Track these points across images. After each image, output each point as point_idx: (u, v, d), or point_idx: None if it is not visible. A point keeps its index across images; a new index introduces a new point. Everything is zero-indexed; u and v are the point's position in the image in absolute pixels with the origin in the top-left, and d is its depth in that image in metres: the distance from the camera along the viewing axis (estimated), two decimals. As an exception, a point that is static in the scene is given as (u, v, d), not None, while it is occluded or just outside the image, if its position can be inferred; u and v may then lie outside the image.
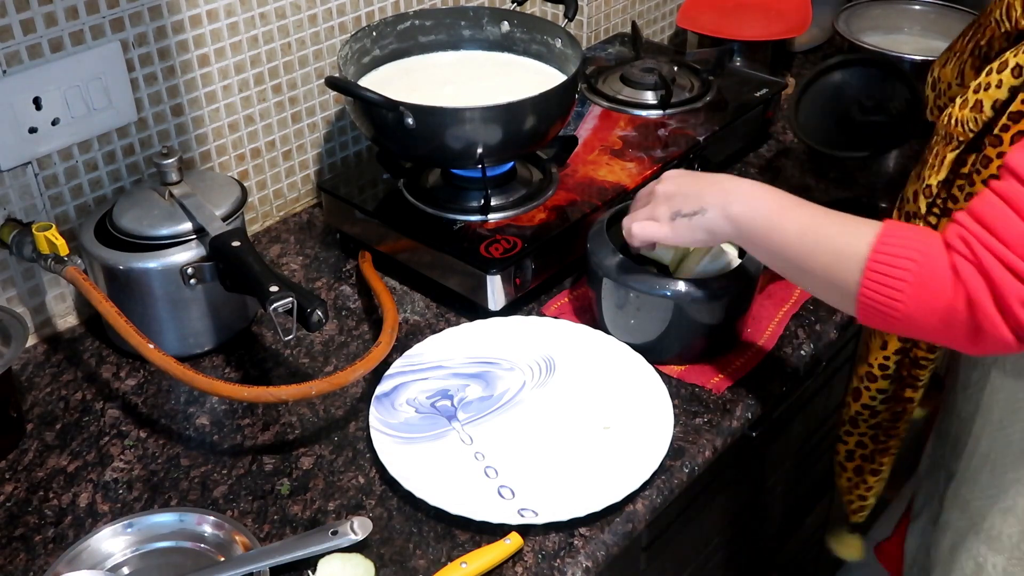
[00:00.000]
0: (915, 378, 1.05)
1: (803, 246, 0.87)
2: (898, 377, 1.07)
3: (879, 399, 1.09)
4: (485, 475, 0.96)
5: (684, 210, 0.95)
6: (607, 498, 0.92)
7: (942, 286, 0.79)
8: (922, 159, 0.97)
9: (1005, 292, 0.76)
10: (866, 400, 1.10)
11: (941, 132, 0.91)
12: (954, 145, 0.89)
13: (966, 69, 0.94)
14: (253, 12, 1.22)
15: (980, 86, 0.86)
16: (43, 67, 1.05)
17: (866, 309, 0.82)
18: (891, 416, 1.11)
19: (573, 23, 1.29)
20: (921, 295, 0.79)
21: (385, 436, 0.99)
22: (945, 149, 0.90)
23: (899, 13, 1.69)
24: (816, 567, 1.75)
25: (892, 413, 1.11)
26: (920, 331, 0.84)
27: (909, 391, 1.07)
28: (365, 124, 1.17)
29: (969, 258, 0.78)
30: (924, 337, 0.89)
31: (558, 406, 1.04)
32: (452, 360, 1.09)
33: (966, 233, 0.79)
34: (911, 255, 0.80)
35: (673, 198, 0.96)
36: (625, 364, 1.07)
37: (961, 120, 0.88)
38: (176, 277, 1.06)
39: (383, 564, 0.89)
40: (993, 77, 0.85)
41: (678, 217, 0.95)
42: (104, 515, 0.95)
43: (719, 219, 0.92)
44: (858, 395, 1.11)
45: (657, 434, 0.99)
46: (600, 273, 1.07)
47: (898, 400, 1.09)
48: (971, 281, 0.78)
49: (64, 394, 1.09)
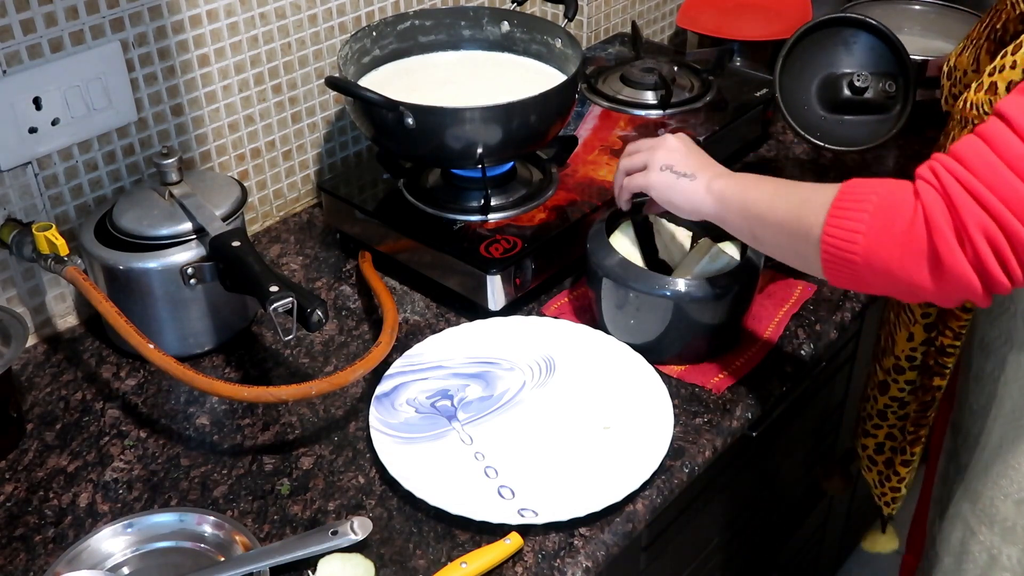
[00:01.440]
0: (942, 366, 1.05)
1: (774, 202, 0.88)
2: (925, 367, 1.07)
3: (907, 390, 1.10)
4: (485, 475, 0.96)
5: (676, 167, 0.97)
6: (607, 498, 0.92)
7: (901, 210, 0.76)
8: (937, 146, 0.96)
9: (964, 216, 0.73)
10: (895, 393, 1.10)
11: (957, 117, 0.90)
12: (969, 129, 0.88)
13: (981, 55, 0.93)
14: (253, 12, 1.22)
15: (995, 68, 0.85)
16: (43, 67, 1.05)
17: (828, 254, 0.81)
18: (919, 406, 1.11)
19: (573, 23, 1.29)
20: (880, 221, 0.77)
21: (385, 436, 0.99)
22: (961, 134, 0.89)
23: (899, 13, 1.69)
24: (816, 567, 1.75)
25: (921, 403, 1.11)
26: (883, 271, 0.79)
27: (937, 379, 1.07)
28: (365, 124, 1.17)
29: (933, 184, 0.76)
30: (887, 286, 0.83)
31: (558, 406, 1.04)
32: (452, 360, 1.09)
33: (936, 165, 0.77)
34: (874, 190, 0.78)
35: (673, 153, 0.98)
36: (625, 364, 1.07)
37: (976, 103, 0.87)
38: (176, 277, 1.06)
39: (383, 564, 0.89)
40: (1008, 59, 0.84)
41: (667, 171, 0.98)
42: (104, 515, 0.95)
43: (702, 191, 0.95)
44: (886, 388, 1.11)
45: (657, 434, 0.99)
46: (600, 273, 1.07)
47: (926, 389, 1.09)
48: (931, 203, 0.75)
49: (64, 394, 1.09)
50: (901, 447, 1.15)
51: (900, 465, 1.16)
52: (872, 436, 1.17)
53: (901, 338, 1.06)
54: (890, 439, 1.15)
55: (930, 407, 1.10)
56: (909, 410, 1.12)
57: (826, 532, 1.71)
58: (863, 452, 1.19)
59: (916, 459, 1.14)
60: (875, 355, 1.15)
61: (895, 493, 1.17)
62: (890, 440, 1.15)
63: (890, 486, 1.18)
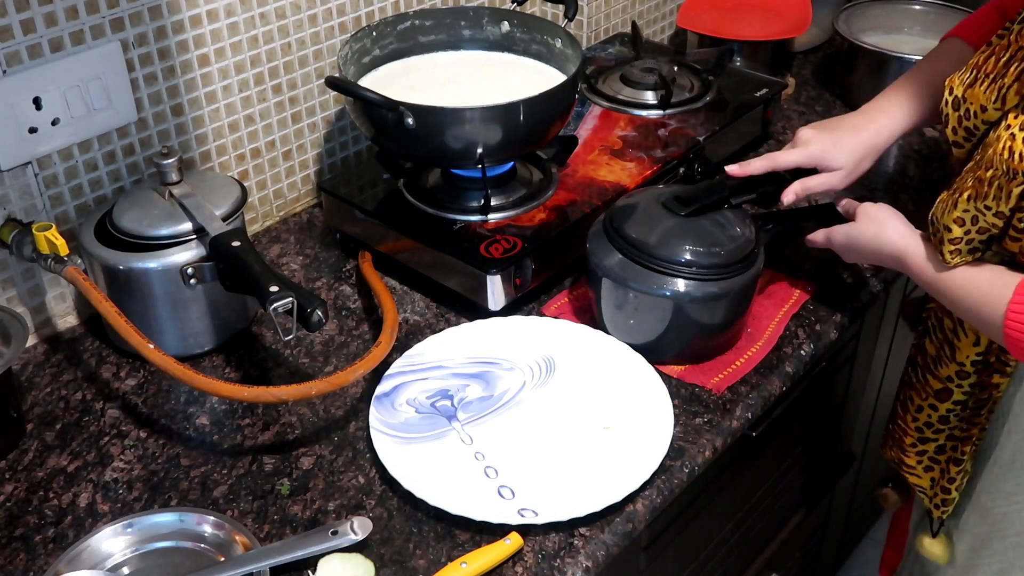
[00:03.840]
0: (1004, 363, 1.05)
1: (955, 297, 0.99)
2: (986, 365, 1.07)
3: (970, 392, 1.10)
4: (485, 475, 0.96)
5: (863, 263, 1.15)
6: (607, 498, 0.92)
7: None
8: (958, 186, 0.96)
9: None
10: (958, 397, 1.10)
11: (1001, 168, 0.90)
12: (1019, 180, 0.89)
13: (1008, 94, 0.92)
14: (253, 12, 1.22)
15: None
16: (43, 67, 1.05)
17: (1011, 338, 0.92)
18: (976, 404, 1.11)
19: (573, 23, 1.29)
20: None
21: (385, 436, 0.99)
22: (1010, 184, 0.90)
23: (899, 13, 1.69)
24: (816, 567, 1.75)
25: (977, 401, 1.11)
26: None
27: (997, 377, 1.06)
28: (365, 124, 1.17)
29: None
30: None
31: (558, 406, 1.04)
32: (452, 360, 1.09)
33: None
34: None
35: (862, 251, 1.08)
36: (625, 364, 1.07)
37: None
38: (176, 277, 1.06)
39: (383, 564, 0.89)
40: None
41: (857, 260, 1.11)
42: (104, 515, 0.95)
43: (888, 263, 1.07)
44: (947, 395, 1.11)
45: (657, 434, 0.99)
46: (600, 273, 1.07)
47: (983, 387, 1.09)
48: None
49: (64, 394, 1.09)
50: (956, 447, 1.15)
51: (952, 464, 1.16)
52: (932, 440, 1.16)
53: (966, 344, 1.06)
54: (951, 439, 1.15)
55: (985, 404, 1.10)
56: (968, 412, 1.12)
57: (826, 532, 1.71)
58: (920, 459, 1.18)
59: (968, 459, 1.14)
60: (923, 367, 1.14)
61: (945, 495, 1.17)
62: (950, 441, 1.15)
63: (942, 485, 1.17)
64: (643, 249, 1.05)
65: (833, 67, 1.71)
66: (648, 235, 1.06)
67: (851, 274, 1.23)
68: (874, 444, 1.70)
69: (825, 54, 1.79)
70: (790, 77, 1.67)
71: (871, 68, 1.56)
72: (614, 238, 1.08)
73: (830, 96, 1.65)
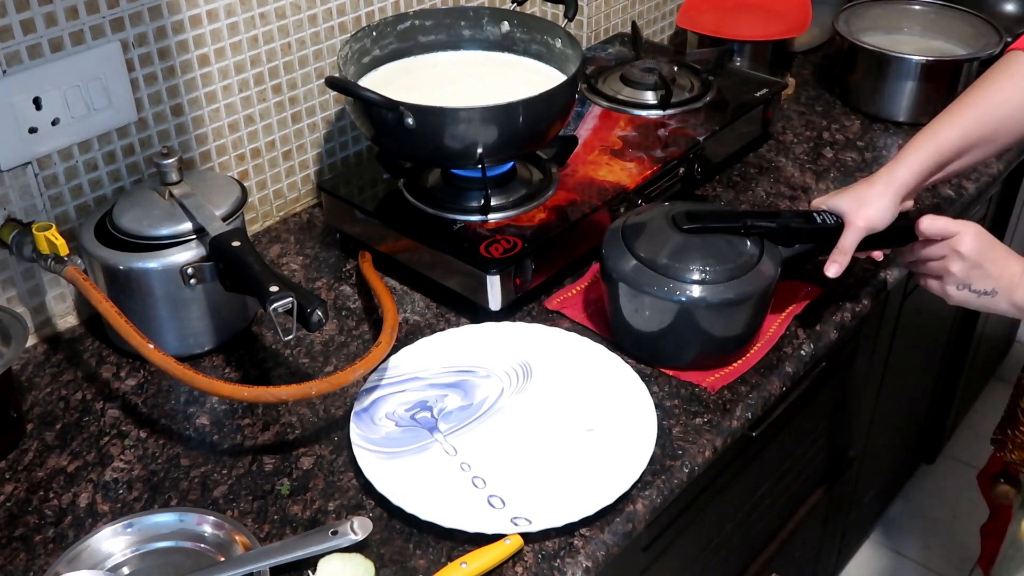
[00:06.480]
0: None
1: None
2: None
3: None
4: (473, 485, 0.95)
5: (975, 286, 1.02)
6: (600, 501, 0.92)
7: None
8: None
9: None
10: None
11: None
12: None
13: None
14: (253, 12, 1.22)
15: None
16: (43, 67, 1.05)
17: None
18: None
19: (573, 23, 1.29)
20: None
21: (368, 452, 0.98)
22: None
23: (899, 13, 1.69)
24: (816, 567, 1.75)
25: None
26: None
27: None
28: (365, 124, 1.17)
29: None
30: None
31: (539, 411, 1.03)
32: (428, 371, 1.08)
33: None
34: None
35: (971, 270, 1.02)
36: (601, 364, 1.07)
37: None
38: (176, 277, 1.06)
39: (383, 564, 0.89)
40: None
41: (966, 290, 1.03)
42: (104, 515, 0.95)
43: (1003, 303, 1.02)
44: None
45: (642, 432, 0.98)
46: (616, 277, 1.06)
47: None
48: None
49: (64, 394, 1.09)
50: None
51: None
52: None
53: None
54: None
55: None
56: None
57: (827, 532, 1.71)
58: None
59: None
60: None
61: None
62: None
63: None
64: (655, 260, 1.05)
65: (833, 67, 1.71)
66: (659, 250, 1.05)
67: (851, 274, 1.23)
68: (874, 444, 1.70)
69: (825, 54, 1.79)
70: (790, 77, 1.67)
71: (871, 68, 1.56)
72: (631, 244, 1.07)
73: (830, 96, 1.65)
